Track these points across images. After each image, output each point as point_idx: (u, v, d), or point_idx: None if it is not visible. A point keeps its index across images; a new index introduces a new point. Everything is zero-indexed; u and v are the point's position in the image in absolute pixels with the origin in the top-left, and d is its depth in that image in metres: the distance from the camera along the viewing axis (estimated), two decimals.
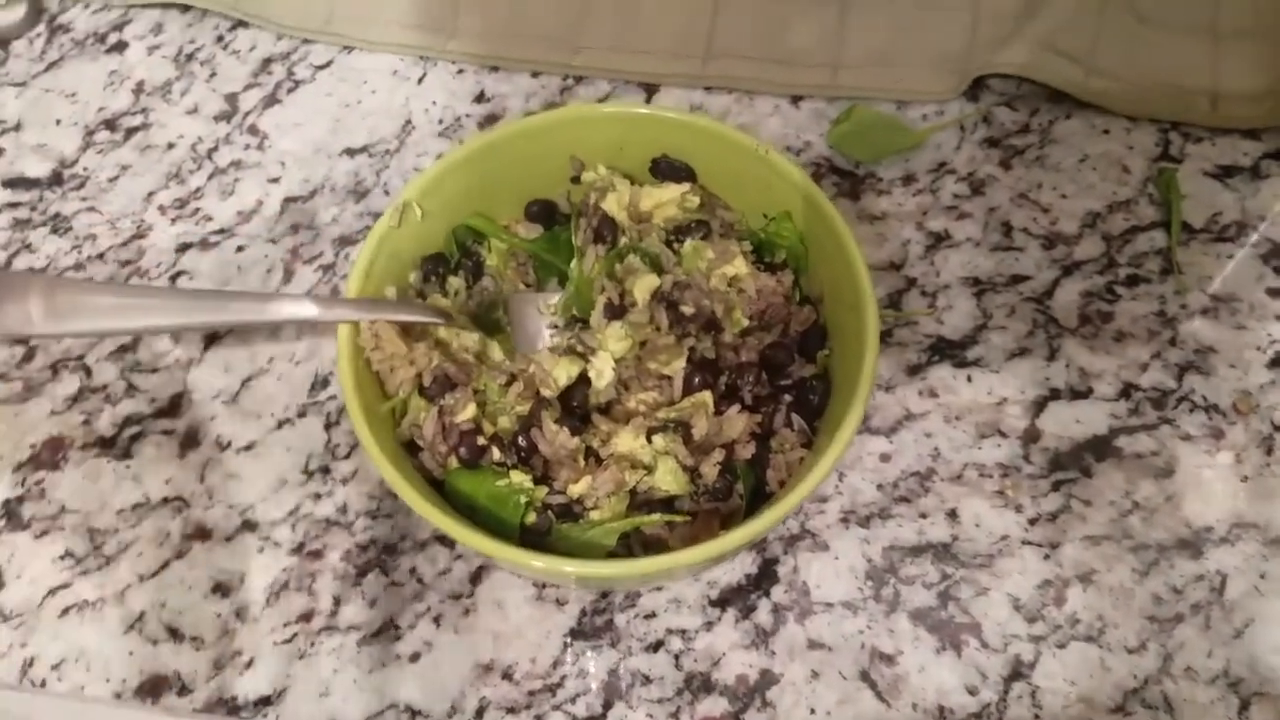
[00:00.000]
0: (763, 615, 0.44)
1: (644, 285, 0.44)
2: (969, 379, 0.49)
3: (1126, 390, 0.49)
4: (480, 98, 0.60)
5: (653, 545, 0.40)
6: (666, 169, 0.47)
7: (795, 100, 0.58)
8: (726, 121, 0.53)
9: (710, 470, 0.40)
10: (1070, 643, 0.43)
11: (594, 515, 0.40)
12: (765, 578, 0.45)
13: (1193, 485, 0.46)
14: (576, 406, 0.42)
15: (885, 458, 0.48)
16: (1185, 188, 0.54)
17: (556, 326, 0.46)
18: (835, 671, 0.43)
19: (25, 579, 0.47)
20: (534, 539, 0.40)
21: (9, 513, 0.49)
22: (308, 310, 0.41)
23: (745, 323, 0.43)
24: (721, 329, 0.43)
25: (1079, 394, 0.49)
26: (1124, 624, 0.43)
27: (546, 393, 0.42)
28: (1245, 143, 0.55)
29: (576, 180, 0.48)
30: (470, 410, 0.41)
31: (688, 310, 0.43)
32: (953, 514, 0.46)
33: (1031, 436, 0.48)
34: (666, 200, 0.46)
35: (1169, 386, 0.49)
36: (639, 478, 0.40)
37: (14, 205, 0.59)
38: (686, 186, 0.46)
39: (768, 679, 0.43)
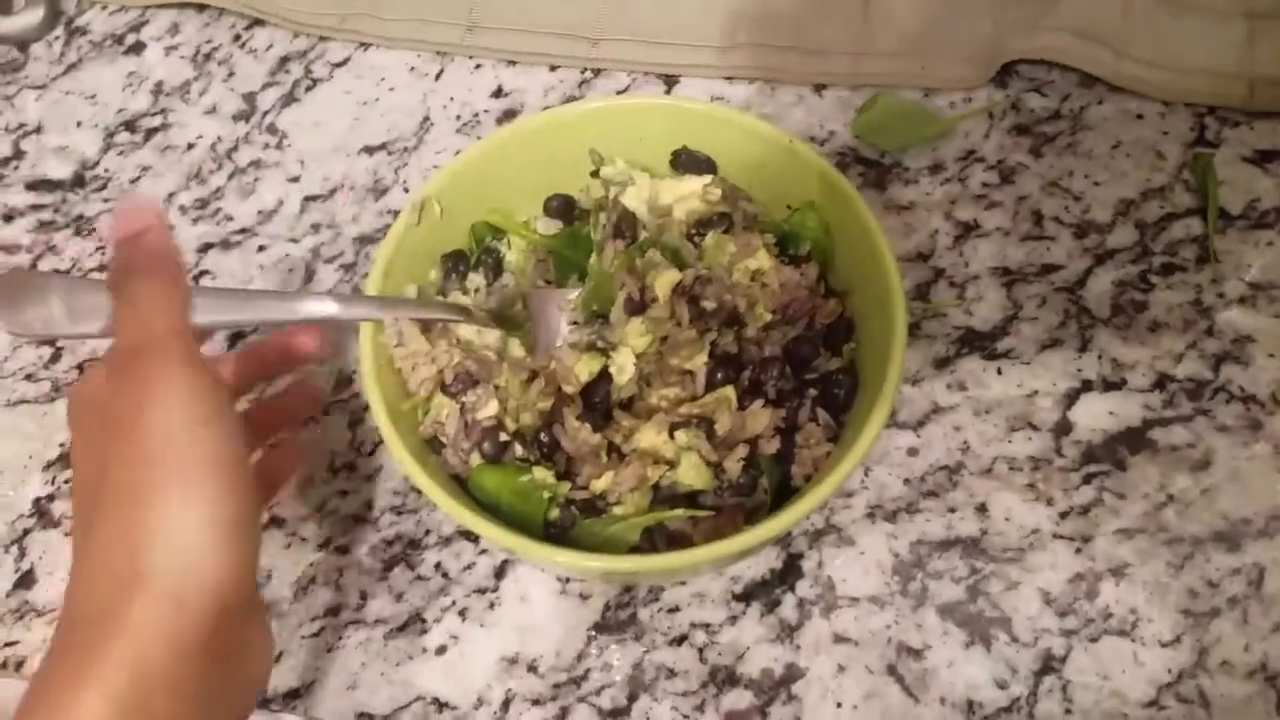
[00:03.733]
0: (787, 610, 0.44)
1: (665, 280, 0.43)
2: (999, 371, 0.49)
3: (1161, 381, 0.48)
4: (498, 93, 0.60)
5: (676, 540, 0.40)
6: (687, 161, 0.46)
7: (819, 89, 0.58)
8: (749, 112, 0.52)
9: (734, 466, 0.40)
10: (1102, 636, 0.42)
11: (617, 510, 0.39)
12: (790, 572, 0.45)
13: (1230, 477, 0.45)
14: (598, 403, 0.42)
15: (913, 452, 0.47)
16: (1222, 173, 0.52)
17: (576, 323, 0.45)
18: (862, 666, 0.43)
19: (57, 576, 0.48)
20: (558, 534, 0.39)
21: (40, 511, 0.49)
22: (329, 308, 0.40)
23: (768, 317, 0.43)
24: (744, 323, 0.43)
25: (1112, 385, 0.48)
26: (1158, 618, 0.43)
27: (568, 389, 0.41)
28: None
29: (596, 174, 0.47)
30: (492, 407, 0.40)
31: (709, 305, 0.43)
32: (982, 508, 0.45)
33: (1063, 429, 0.47)
34: (688, 193, 0.46)
35: (1205, 377, 0.48)
36: (661, 473, 0.40)
37: (38, 208, 0.59)
38: (708, 179, 0.46)
39: (793, 673, 0.43)
